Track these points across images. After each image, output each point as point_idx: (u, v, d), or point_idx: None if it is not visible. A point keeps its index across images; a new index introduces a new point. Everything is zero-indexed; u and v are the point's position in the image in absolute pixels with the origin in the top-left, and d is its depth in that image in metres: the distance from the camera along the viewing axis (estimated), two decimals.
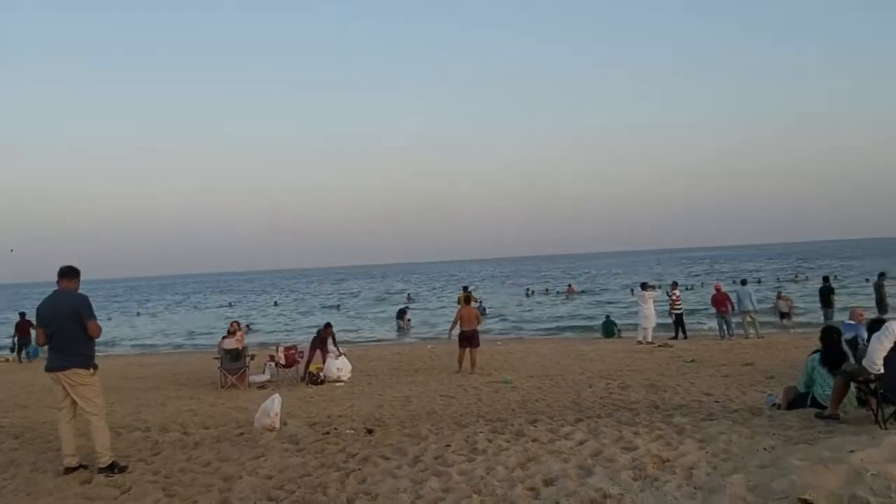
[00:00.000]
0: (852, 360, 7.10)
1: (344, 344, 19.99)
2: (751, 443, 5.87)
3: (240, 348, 14.64)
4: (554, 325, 33.32)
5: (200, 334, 38.21)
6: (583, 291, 55.43)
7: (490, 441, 6.77)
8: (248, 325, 39.55)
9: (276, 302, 66.86)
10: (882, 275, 22.57)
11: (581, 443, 6.43)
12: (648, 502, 4.59)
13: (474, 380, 13.65)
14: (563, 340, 24.77)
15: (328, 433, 7.87)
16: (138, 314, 60.14)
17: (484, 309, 35.70)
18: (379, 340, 30.21)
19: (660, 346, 18.86)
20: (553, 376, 13.54)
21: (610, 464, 5.56)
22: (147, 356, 27.35)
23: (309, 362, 15.18)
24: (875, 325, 7.24)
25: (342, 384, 13.98)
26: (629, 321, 26.26)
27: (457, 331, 15.65)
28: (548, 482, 5.23)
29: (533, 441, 6.61)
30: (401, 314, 35.90)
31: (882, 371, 5.90)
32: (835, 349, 7.47)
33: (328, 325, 16.37)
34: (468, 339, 15.36)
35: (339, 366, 14.45)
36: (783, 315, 26.43)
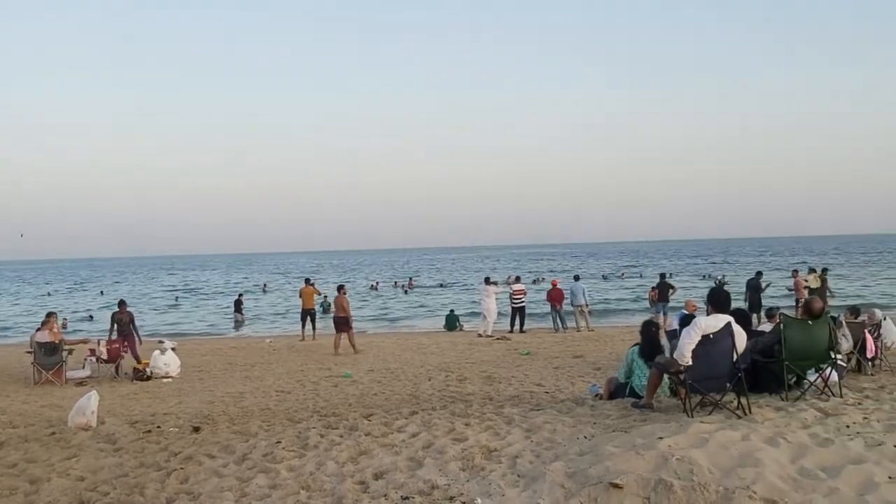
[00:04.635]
0: (667, 353, 7.62)
1: (175, 337, 19.03)
2: (573, 431, 6.14)
3: (55, 342, 13.52)
4: (395, 317, 33.68)
5: (16, 326, 34.94)
6: (441, 285, 56.58)
7: (323, 436, 6.66)
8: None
9: (101, 291, 62.61)
10: (759, 273, 22.06)
11: (414, 435, 6.46)
12: (473, 491, 4.68)
13: (313, 374, 13.45)
14: (405, 334, 24.94)
15: (150, 431, 7.43)
16: None
17: (329, 304, 35.16)
18: (213, 334, 29.07)
19: (498, 339, 19.49)
20: (393, 370, 13.59)
21: (440, 455, 5.62)
22: None
23: (122, 350, 14.31)
24: (686, 320, 7.86)
25: (170, 380, 13.30)
26: (471, 314, 26.97)
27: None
28: (378, 475, 5.22)
29: (366, 435, 6.57)
30: (237, 306, 33.05)
31: (691, 363, 6.36)
32: (652, 341, 7.99)
33: (121, 303, 15.57)
34: (338, 325, 17.09)
35: (166, 361, 13.71)
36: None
